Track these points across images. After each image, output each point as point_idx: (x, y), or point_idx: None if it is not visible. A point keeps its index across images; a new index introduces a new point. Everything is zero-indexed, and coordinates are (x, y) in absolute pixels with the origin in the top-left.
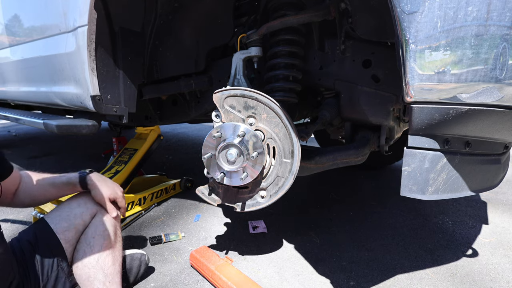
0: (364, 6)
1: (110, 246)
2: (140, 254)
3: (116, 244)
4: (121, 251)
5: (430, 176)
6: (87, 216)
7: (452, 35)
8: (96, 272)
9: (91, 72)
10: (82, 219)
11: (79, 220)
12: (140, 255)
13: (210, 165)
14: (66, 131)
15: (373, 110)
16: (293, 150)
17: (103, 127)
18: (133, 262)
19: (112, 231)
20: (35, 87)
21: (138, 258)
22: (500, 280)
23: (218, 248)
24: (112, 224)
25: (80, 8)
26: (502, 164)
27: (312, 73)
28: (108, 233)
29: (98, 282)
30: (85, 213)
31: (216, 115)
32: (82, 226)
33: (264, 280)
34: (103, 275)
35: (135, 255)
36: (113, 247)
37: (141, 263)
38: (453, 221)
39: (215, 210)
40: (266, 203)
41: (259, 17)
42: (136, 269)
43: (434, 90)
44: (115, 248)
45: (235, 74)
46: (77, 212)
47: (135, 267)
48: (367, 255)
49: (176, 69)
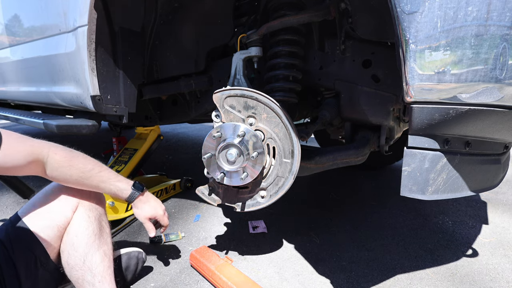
0: (364, 6)
1: (96, 243)
2: (137, 252)
3: (103, 238)
4: (110, 244)
5: (430, 176)
6: (68, 211)
7: (452, 35)
8: (84, 273)
9: (91, 72)
10: (63, 215)
11: (59, 216)
12: (137, 253)
13: (210, 165)
14: (66, 131)
15: (373, 110)
16: (293, 150)
17: (103, 127)
18: (130, 260)
19: (96, 225)
20: (35, 87)
21: (135, 257)
22: (500, 280)
23: (218, 248)
24: (96, 217)
25: (80, 8)
26: (502, 164)
27: (312, 73)
28: (93, 229)
29: (87, 284)
30: (66, 207)
31: (216, 115)
32: (64, 222)
33: (264, 280)
34: (91, 275)
35: (131, 254)
36: (99, 243)
37: (138, 261)
38: (453, 221)
39: (215, 210)
40: (266, 203)
41: (259, 17)
42: (133, 267)
43: (434, 90)
44: (102, 243)
45: (235, 74)
46: (57, 207)
47: (132, 265)
48: (367, 255)
49: (176, 69)
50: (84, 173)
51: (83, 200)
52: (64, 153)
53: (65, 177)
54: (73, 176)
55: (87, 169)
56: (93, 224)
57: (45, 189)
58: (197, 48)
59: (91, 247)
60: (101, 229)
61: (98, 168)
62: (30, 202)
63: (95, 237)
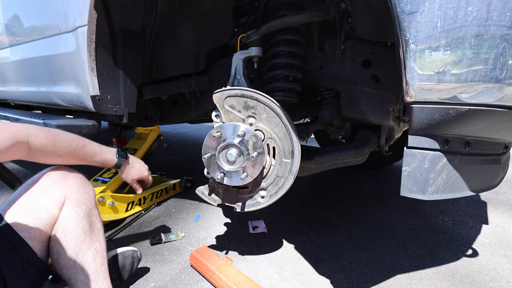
0: (364, 6)
1: (87, 241)
2: (131, 251)
3: (94, 235)
4: (102, 240)
5: (430, 176)
6: (54, 208)
7: (452, 35)
8: (76, 273)
9: (91, 72)
10: (49, 212)
11: (44, 213)
12: (132, 251)
13: (210, 165)
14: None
15: (373, 110)
16: (293, 150)
17: (103, 127)
18: (126, 260)
19: (86, 222)
20: (35, 87)
21: (130, 256)
22: (500, 280)
23: (218, 248)
24: (86, 213)
25: (80, 8)
26: (502, 164)
27: (312, 73)
28: (82, 227)
29: (80, 284)
30: (51, 203)
31: (216, 115)
32: (50, 220)
33: (264, 280)
34: (83, 275)
35: (126, 253)
36: (91, 240)
37: (133, 259)
38: (453, 221)
39: (215, 210)
40: (266, 203)
41: (259, 17)
42: (129, 266)
43: (434, 90)
44: (93, 240)
45: (235, 74)
46: (41, 204)
47: (128, 265)
48: (367, 255)
49: (176, 69)
50: (69, 151)
51: (70, 194)
52: (46, 133)
53: (51, 157)
54: (60, 155)
55: (73, 146)
56: (83, 221)
57: (26, 183)
58: (197, 48)
59: (82, 246)
60: (91, 226)
61: (81, 142)
62: (11, 197)
63: (85, 235)
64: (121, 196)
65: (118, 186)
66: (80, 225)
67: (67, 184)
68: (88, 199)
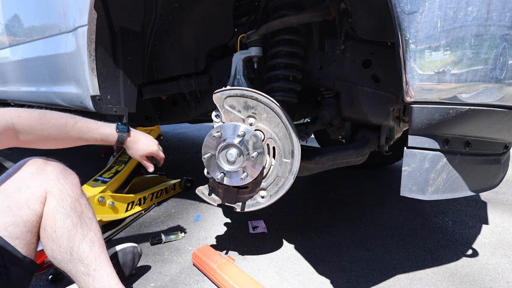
0: (364, 6)
1: (79, 233)
2: (131, 247)
3: (86, 226)
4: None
5: (430, 176)
6: (36, 203)
7: (452, 35)
8: (76, 265)
9: (91, 72)
10: (30, 209)
11: (25, 211)
12: (132, 247)
13: (210, 165)
14: None
15: (373, 110)
16: (293, 150)
17: None
18: (126, 256)
19: (74, 214)
20: (35, 87)
21: (130, 252)
22: (500, 280)
23: (218, 248)
24: (72, 204)
25: (80, 8)
26: (502, 164)
27: (312, 73)
28: (71, 220)
29: (82, 275)
30: (32, 200)
31: (216, 115)
32: (33, 217)
33: (264, 280)
34: (83, 266)
35: (126, 249)
36: (83, 231)
37: (134, 255)
38: (453, 221)
39: (215, 210)
40: (266, 203)
41: (259, 17)
42: (130, 262)
43: (434, 90)
44: (86, 231)
45: (235, 74)
46: (20, 200)
47: (128, 261)
48: (367, 255)
49: (176, 69)
50: (60, 129)
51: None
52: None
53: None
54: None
55: (62, 123)
56: (70, 215)
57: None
58: (197, 48)
59: (75, 239)
60: (81, 217)
61: (72, 119)
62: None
63: (76, 228)
64: (121, 196)
65: (118, 186)
66: (68, 219)
67: (46, 176)
68: (71, 190)
